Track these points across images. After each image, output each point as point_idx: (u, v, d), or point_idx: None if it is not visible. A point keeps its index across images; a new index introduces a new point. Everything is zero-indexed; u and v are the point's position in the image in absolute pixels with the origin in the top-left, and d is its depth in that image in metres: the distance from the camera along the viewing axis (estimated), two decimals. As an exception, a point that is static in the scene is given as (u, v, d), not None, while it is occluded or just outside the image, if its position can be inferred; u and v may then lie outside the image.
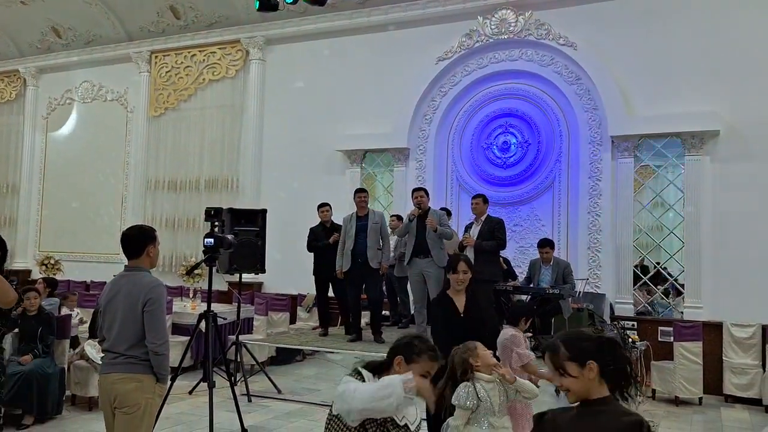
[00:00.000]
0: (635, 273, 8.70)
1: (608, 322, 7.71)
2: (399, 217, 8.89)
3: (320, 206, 8.31)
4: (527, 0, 9.35)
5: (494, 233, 7.37)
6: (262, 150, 11.33)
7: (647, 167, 8.92)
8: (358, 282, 7.69)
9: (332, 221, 8.24)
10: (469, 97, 9.90)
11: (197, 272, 8.86)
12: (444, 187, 10.01)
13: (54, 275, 10.33)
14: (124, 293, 3.55)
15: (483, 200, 7.67)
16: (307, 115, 10.91)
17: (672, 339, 7.80)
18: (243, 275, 7.85)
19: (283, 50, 11.35)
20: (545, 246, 7.79)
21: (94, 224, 12.81)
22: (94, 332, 6.64)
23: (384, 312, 8.41)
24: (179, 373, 5.76)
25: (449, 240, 7.40)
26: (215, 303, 8.22)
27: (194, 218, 11.54)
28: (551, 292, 7.31)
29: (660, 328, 8.23)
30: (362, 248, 7.53)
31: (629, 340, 7.04)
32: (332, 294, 8.33)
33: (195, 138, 11.84)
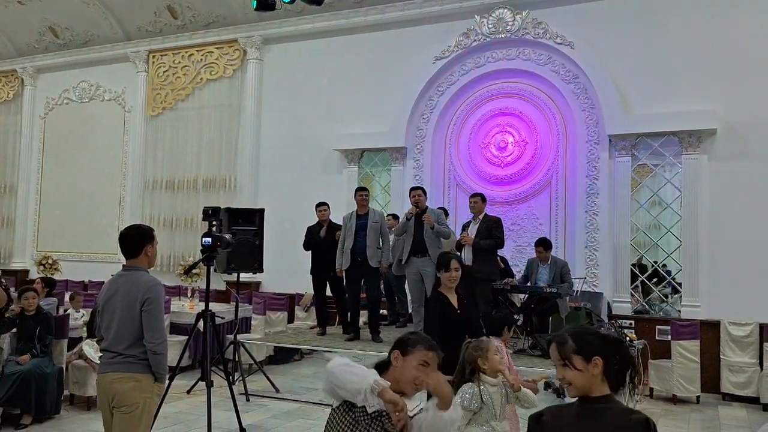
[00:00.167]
0: (633, 272, 8.72)
1: (606, 321, 7.73)
2: (395, 216, 8.90)
3: (318, 205, 8.30)
4: (524, -1, 9.38)
5: (492, 232, 7.38)
6: (260, 149, 11.33)
7: (644, 166, 8.93)
8: (357, 280, 7.70)
9: (330, 220, 8.24)
10: (467, 96, 9.91)
11: (195, 272, 8.88)
12: (441, 186, 10.01)
13: (52, 275, 10.31)
14: (123, 293, 3.55)
15: (481, 199, 7.67)
16: (305, 115, 10.91)
17: (669, 338, 7.81)
18: (241, 274, 7.86)
19: (281, 50, 11.35)
20: (539, 246, 7.81)
21: (92, 224, 12.80)
22: (92, 332, 6.66)
23: (381, 311, 8.43)
24: (177, 373, 5.77)
25: (447, 239, 7.41)
26: (213, 302, 8.20)
27: (192, 218, 11.55)
28: (549, 291, 7.32)
29: (657, 327, 8.25)
30: (362, 247, 7.53)
31: (627, 339, 7.05)
32: (330, 293, 8.34)
33: (193, 137, 11.84)
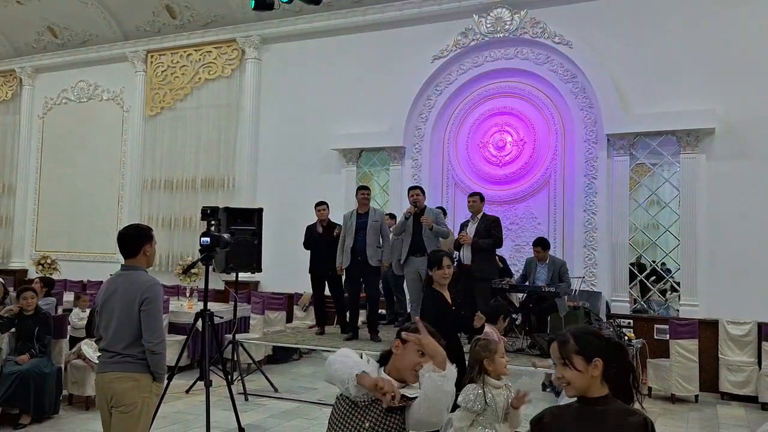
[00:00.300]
0: (631, 271, 8.73)
1: (604, 320, 7.74)
2: (392, 216, 8.90)
3: (317, 205, 8.31)
4: (522, -2, 9.38)
5: (490, 231, 7.39)
6: (258, 149, 11.33)
7: (643, 165, 8.94)
8: (357, 279, 7.70)
9: (329, 220, 8.24)
10: (465, 96, 9.91)
11: (194, 271, 8.87)
12: (440, 186, 10.01)
13: (51, 275, 10.29)
14: (121, 292, 3.55)
15: (480, 198, 7.68)
16: (303, 114, 10.91)
17: (668, 337, 7.81)
18: (239, 274, 7.85)
19: (279, 49, 11.35)
20: (537, 245, 7.82)
21: (91, 224, 12.79)
22: (91, 331, 6.66)
23: (380, 310, 8.42)
24: (176, 372, 5.79)
25: (445, 238, 7.43)
26: (212, 302, 8.26)
27: (191, 217, 11.56)
28: (547, 291, 7.33)
29: (656, 326, 8.25)
30: (362, 246, 7.53)
31: (625, 338, 7.05)
32: (329, 293, 8.34)
33: (191, 137, 11.83)
